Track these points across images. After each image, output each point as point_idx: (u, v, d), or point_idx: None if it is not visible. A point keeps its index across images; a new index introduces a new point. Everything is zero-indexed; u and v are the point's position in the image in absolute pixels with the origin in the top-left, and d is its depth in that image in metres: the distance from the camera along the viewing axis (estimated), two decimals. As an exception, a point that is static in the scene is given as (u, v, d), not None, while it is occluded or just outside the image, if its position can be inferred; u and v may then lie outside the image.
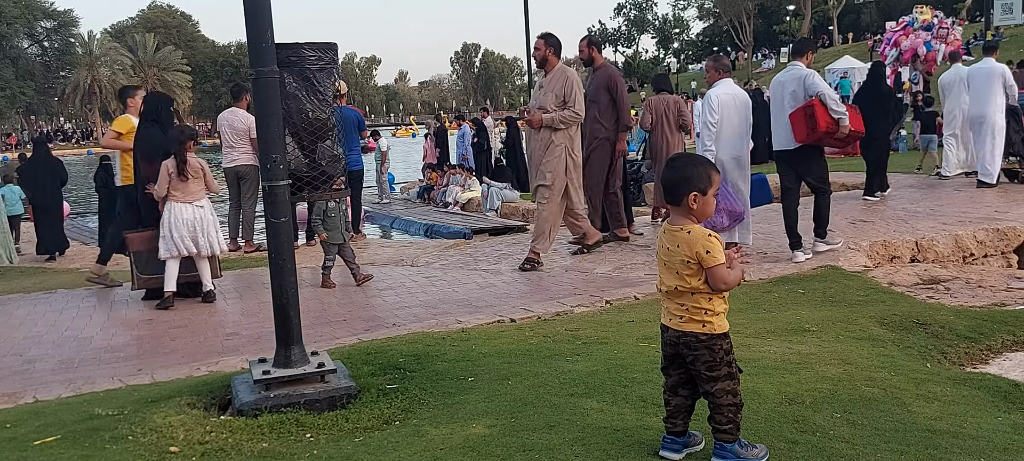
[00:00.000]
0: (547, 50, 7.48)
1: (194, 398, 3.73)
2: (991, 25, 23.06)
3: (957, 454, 2.89)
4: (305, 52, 4.67)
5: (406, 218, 14.09)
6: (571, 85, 7.36)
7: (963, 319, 5.00)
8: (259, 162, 4.40)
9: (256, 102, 3.68)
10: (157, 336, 5.64)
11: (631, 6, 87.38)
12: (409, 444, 3.10)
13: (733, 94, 7.32)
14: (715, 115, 7.15)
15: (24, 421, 3.64)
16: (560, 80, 7.41)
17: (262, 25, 3.59)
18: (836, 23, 61.80)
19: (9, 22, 66.53)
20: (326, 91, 4.78)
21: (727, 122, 7.18)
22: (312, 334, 5.11)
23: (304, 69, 4.68)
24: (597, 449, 2.94)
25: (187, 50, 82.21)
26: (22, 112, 74.37)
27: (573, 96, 7.35)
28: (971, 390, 3.63)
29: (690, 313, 2.78)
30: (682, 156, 2.94)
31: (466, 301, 6.25)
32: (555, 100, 7.35)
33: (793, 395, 3.47)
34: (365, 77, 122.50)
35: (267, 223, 3.72)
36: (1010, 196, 9.73)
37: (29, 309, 6.70)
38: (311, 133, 4.86)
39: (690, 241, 2.72)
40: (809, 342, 4.48)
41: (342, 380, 3.72)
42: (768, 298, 5.74)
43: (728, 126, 7.19)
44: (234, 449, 3.19)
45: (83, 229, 15.19)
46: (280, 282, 3.70)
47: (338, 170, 4.90)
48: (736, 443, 2.80)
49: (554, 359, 4.14)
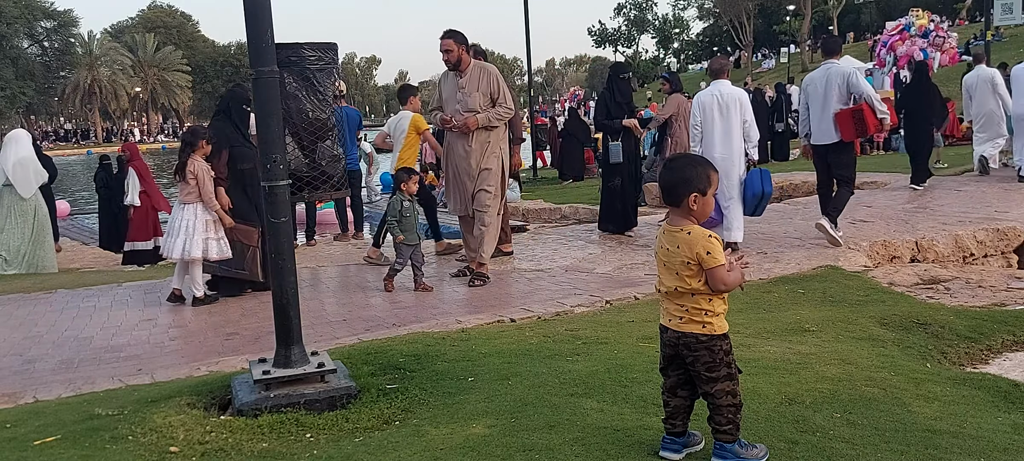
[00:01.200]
0: (460, 49, 6.91)
1: (194, 398, 3.73)
2: (991, 25, 23.02)
3: (957, 454, 2.89)
4: (305, 52, 4.67)
5: (406, 218, 14.07)
6: (497, 80, 6.94)
7: (963, 319, 5.00)
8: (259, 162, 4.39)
9: (256, 102, 3.68)
10: (157, 336, 5.64)
11: (631, 6, 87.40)
12: (409, 444, 3.10)
13: (716, 95, 7.55)
14: (697, 117, 7.63)
15: (24, 421, 3.64)
16: (483, 77, 6.94)
17: (262, 25, 3.59)
18: (836, 23, 61.70)
19: (9, 22, 66.51)
20: (326, 91, 4.79)
21: (707, 123, 7.54)
22: (312, 334, 5.11)
23: (304, 69, 4.68)
24: (597, 449, 2.94)
25: (187, 50, 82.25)
26: (22, 112, 74.29)
27: (501, 91, 6.95)
28: (971, 390, 3.63)
29: (690, 314, 2.77)
30: (681, 157, 2.94)
31: (466, 301, 6.25)
32: (482, 99, 6.88)
33: (793, 395, 3.47)
34: (365, 77, 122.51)
35: (267, 223, 3.71)
36: (1010, 196, 9.74)
37: (29, 309, 6.70)
38: (311, 133, 4.86)
39: (690, 242, 2.72)
40: (809, 342, 4.48)
41: (342, 380, 3.72)
42: (768, 298, 5.74)
43: (709, 127, 7.54)
44: (234, 449, 3.19)
45: (83, 229, 15.20)
46: (280, 282, 3.70)
47: (338, 170, 4.90)
48: (736, 443, 2.80)
49: (554, 359, 4.14)
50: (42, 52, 75.15)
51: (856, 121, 7.28)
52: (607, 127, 8.90)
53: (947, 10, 56.53)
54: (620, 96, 8.90)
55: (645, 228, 9.33)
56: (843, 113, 7.33)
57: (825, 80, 7.48)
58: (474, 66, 6.98)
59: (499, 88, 6.92)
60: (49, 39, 74.91)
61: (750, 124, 7.57)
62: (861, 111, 7.24)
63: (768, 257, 7.23)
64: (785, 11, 59.27)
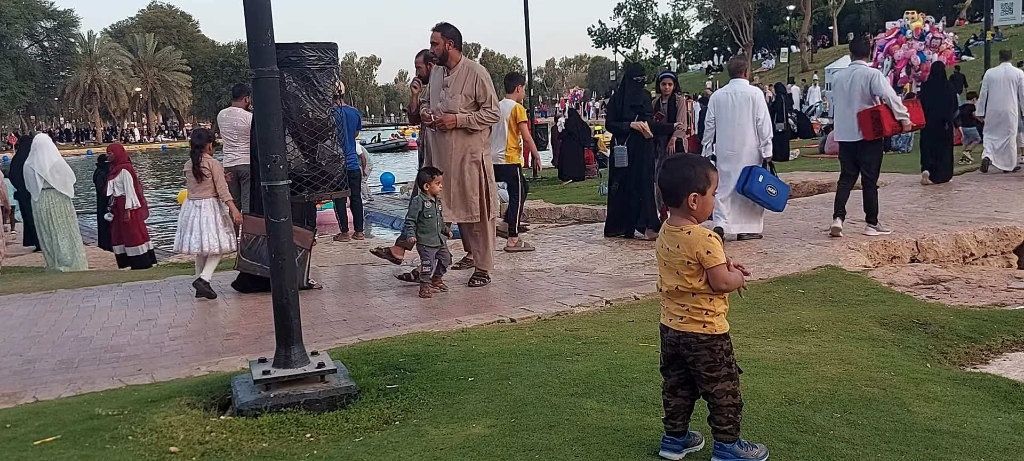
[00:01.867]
0: (446, 44, 6.50)
1: (194, 398, 3.73)
2: (991, 25, 23.02)
3: (957, 454, 2.89)
4: (305, 52, 4.67)
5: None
6: (483, 83, 6.52)
7: (963, 319, 5.00)
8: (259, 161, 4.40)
9: (256, 102, 3.67)
10: (157, 336, 5.64)
11: (631, 6, 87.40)
12: (409, 444, 3.10)
13: (731, 93, 7.99)
14: (711, 114, 8.12)
15: (24, 421, 3.64)
16: (469, 78, 6.52)
17: (262, 25, 3.59)
18: (836, 23, 61.75)
19: (9, 22, 66.49)
20: (326, 91, 4.79)
21: (721, 119, 7.98)
22: (312, 334, 5.11)
23: (304, 69, 4.68)
24: (597, 449, 2.94)
25: (187, 50, 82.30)
26: (22, 112, 74.35)
27: (487, 95, 6.51)
28: (971, 390, 3.63)
29: (691, 314, 2.77)
30: (680, 157, 2.95)
31: (466, 301, 6.25)
32: (465, 101, 6.49)
33: (793, 395, 3.47)
34: (365, 77, 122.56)
35: (267, 223, 3.71)
36: (1010, 196, 9.74)
37: (29, 309, 6.70)
38: (311, 133, 4.86)
39: (690, 241, 2.72)
40: (809, 342, 4.48)
41: (342, 380, 3.72)
42: (768, 298, 5.74)
43: (722, 124, 8.00)
44: (234, 449, 3.19)
45: (83, 228, 15.15)
46: (280, 282, 3.70)
47: (338, 170, 4.90)
48: (736, 443, 2.80)
49: (554, 359, 4.14)
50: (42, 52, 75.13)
51: (874, 120, 7.58)
52: (615, 129, 8.78)
53: (947, 10, 56.49)
54: (631, 98, 8.71)
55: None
56: (864, 113, 7.64)
57: (850, 80, 7.78)
58: (463, 65, 6.62)
59: (485, 92, 6.55)
60: (49, 39, 74.89)
61: (763, 121, 7.87)
62: (879, 112, 7.55)
63: (768, 257, 7.23)
64: (785, 11, 59.27)
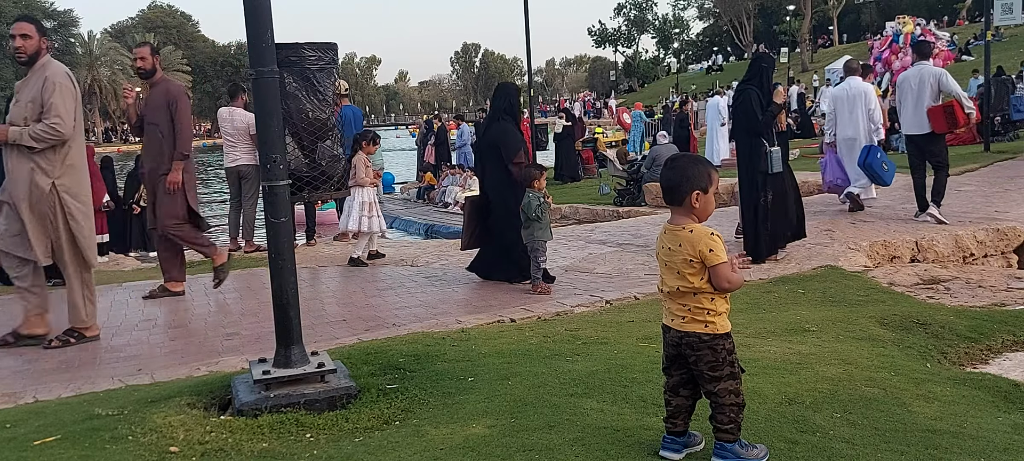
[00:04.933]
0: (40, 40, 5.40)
1: (194, 398, 3.73)
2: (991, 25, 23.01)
3: (957, 454, 2.89)
4: (305, 52, 4.66)
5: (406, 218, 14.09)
6: (53, 88, 5.13)
7: (963, 319, 5.00)
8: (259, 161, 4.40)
9: (256, 102, 3.68)
10: (157, 336, 5.64)
11: (631, 6, 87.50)
12: (409, 444, 3.10)
13: (846, 88, 9.31)
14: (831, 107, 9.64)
15: (24, 421, 3.64)
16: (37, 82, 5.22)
17: (262, 25, 3.59)
18: (836, 23, 61.79)
19: (9, 22, 66.39)
20: (326, 91, 4.78)
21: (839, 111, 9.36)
22: (312, 334, 5.10)
23: (304, 69, 4.67)
24: (597, 449, 2.94)
25: (187, 50, 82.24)
26: (22, 112, 74.27)
27: (52, 104, 5.10)
28: (971, 390, 3.63)
29: (693, 313, 2.77)
30: (682, 156, 2.94)
31: (466, 301, 6.25)
32: (29, 109, 5.16)
33: (793, 395, 3.47)
34: (365, 77, 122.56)
35: (267, 223, 3.71)
36: (1010, 196, 9.74)
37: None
38: (311, 133, 4.85)
39: (692, 240, 2.72)
40: (809, 342, 4.48)
41: (342, 380, 3.72)
42: (768, 298, 5.74)
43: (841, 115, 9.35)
44: (234, 449, 3.19)
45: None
46: (280, 282, 3.70)
47: (338, 170, 4.90)
48: (736, 443, 2.80)
49: (554, 359, 4.14)
50: (42, 52, 75.06)
51: (947, 115, 8.29)
52: (766, 126, 7.25)
53: (947, 10, 56.50)
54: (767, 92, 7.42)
55: (645, 228, 9.33)
56: (935, 109, 8.33)
57: (919, 79, 8.47)
58: (42, 66, 5.31)
59: (49, 100, 5.13)
60: (49, 39, 74.80)
61: (873, 111, 9.14)
62: (952, 106, 8.26)
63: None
64: (785, 11, 59.31)
